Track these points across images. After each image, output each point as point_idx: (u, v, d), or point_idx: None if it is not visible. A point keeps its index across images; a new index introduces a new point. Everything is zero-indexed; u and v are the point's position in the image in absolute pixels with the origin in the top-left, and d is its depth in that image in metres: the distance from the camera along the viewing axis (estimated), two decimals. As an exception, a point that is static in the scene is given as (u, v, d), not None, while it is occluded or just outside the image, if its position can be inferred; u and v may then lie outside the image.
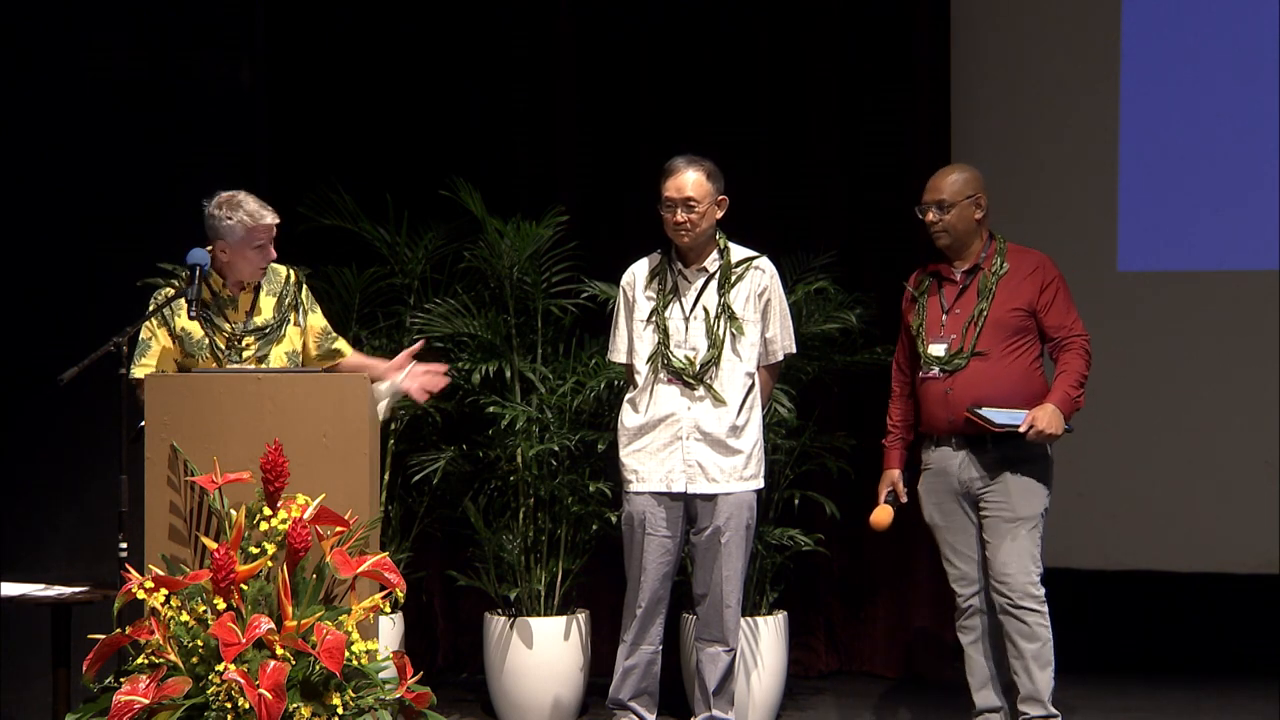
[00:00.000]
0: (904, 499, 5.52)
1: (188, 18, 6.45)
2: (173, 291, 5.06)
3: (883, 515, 5.47)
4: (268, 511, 4.41)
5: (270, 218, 5.01)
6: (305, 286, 5.21)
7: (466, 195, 6.15)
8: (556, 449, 6.03)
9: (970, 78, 6.85)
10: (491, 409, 6.02)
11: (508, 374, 6.14)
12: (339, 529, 4.46)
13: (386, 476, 6.15)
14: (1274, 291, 6.69)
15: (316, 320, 5.20)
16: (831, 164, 6.78)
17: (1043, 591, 5.32)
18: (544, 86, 6.90)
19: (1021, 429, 5.21)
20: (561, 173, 6.85)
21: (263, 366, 5.01)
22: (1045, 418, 5.20)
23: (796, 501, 6.25)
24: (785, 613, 6.17)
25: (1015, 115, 6.89)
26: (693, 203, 5.38)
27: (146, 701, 4.20)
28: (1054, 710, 5.31)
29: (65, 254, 6.09)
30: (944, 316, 5.39)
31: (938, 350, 5.36)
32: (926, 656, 6.72)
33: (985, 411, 5.23)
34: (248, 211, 5.00)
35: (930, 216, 5.38)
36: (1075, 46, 6.88)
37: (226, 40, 6.61)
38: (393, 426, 6.19)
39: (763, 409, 5.58)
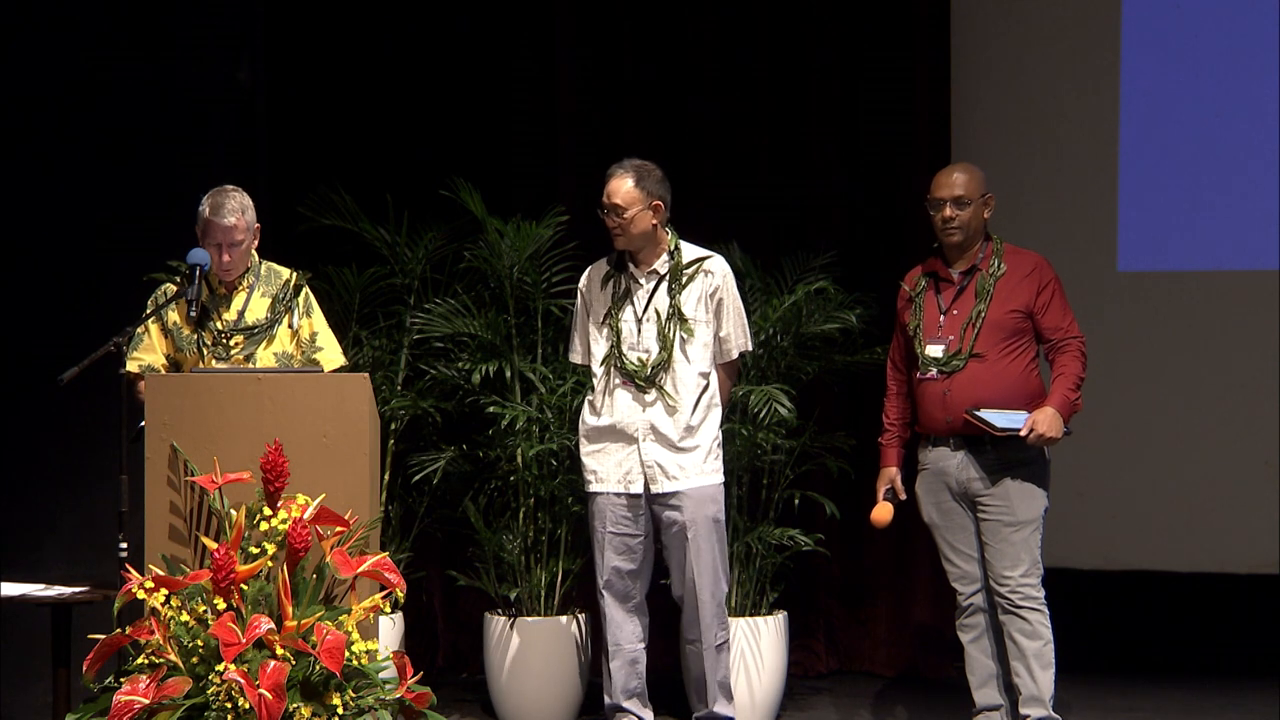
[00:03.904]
0: (903, 496, 5.53)
1: (188, 18, 6.45)
2: (173, 289, 5.07)
3: (883, 512, 5.47)
4: (268, 511, 4.41)
5: (229, 220, 4.98)
6: (305, 291, 5.20)
7: (466, 195, 6.15)
8: (556, 449, 6.03)
9: (970, 77, 6.85)
10: (491, 409, 6.02)
11: (508, 374, 6.14)
12: (339, 529, 4.46)
13: (386, 476, 6.15)
14: (1274, 291, 6.69)
15: (308, 326, 5.18)
16: (832, 163, 6.77)
17: (1043, 593, 5.31)
18: (544, 86, 6.89)
19: (1022, 433, 5.21)
20: (561, 173, 6.85)
21: (249, 366, 5.01)
22: (1045, 421, 5.20)
23: (796, 501, 6.24)
24: (785, 613, 6.17)
25: (1015, 114, 6.89)
26: (620, 209, 5.41)
27: (146, 701, 4.20)
28: (1055, 714, 5.31)
29: (66, 254, 6.09)
30: (941, 318, 5.38)
31: (935, 351, 5.35)
32: (926, 656, 6.72)
33: (985, 414, 5.23)
34: (212, 205, 5.01)
35: (948, 212, 5.33)
36: (1075, 46, 6.88)
37: (226, 40, 6.61)
38: (393, 426, 6.19)
39: (724, 407, 5.59)
